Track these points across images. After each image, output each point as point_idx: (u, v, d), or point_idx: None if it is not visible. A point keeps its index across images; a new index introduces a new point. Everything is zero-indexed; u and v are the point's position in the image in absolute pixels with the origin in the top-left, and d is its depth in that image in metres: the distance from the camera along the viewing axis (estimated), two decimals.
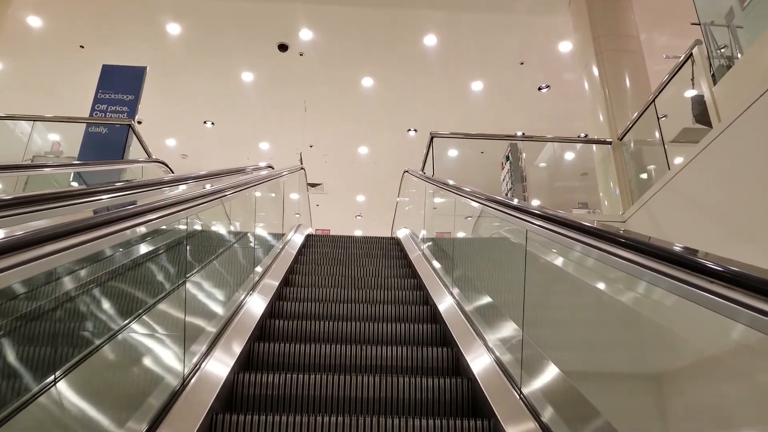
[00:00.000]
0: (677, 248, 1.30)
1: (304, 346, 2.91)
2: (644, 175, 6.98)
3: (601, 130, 7.69)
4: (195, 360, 2.28)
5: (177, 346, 2.15)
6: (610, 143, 7.28)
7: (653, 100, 6.26)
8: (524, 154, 7.68)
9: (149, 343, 1.96)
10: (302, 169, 8.11)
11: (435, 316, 3.70)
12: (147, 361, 1.96)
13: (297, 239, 6.05)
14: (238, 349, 2.69)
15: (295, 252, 5.37)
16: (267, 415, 2.15)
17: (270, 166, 6.95)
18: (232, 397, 2.43)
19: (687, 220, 5.39)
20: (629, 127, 6.94)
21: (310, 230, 7.71)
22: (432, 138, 7.43)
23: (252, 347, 2.91)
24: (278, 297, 4.03)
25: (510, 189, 8.17)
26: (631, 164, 7.15)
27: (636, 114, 6.68)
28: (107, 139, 7.39)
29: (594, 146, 7.79)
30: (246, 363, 2.83)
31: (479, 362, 2.53)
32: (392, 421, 2.14)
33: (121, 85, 7.89)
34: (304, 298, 4.03)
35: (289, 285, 4.47)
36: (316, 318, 3.67)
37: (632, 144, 7.20)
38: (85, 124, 7.53)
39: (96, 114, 7.68)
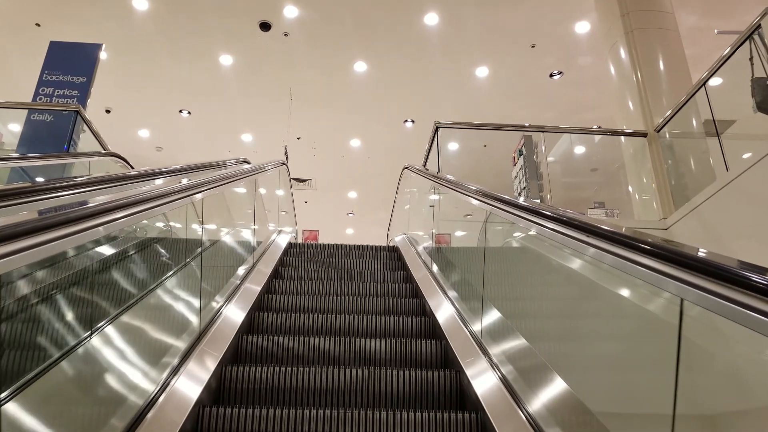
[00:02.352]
0: None
1: None
2: (686, 174, 5.93)
3: (632, 121, 6.62)
4: None
5: None
6: (645, 135, 6.21)
7: (705, 83, 5.18)
8: (543, 147, 6.60)
9: None
10: (284, 164, 6.98)
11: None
12: None
13: (273, 255, 4.94)
14: None
15: (269, 271, 4.26)
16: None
17: (246, 161, 5.84)
18: None
19: (758, 231, 4.35)
20: (670, 115, 5.87)
21: (292, 237, 6.60)
22: (437, 129, 6.34)
23: None
24: (234, 358, 2.94)
25: (524, 188, 7.12)
26: (671, 161, 6.08)
27: (681, 100, 5.61)
28: (53, 128, 6.23)
29: (623, 139, 6.73)
30: None
31: None
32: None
33: (70, 65, 6.71)
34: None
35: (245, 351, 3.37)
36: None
37: (668, 136, 6.15)
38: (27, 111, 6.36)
39: (40, 98, 6.50)
